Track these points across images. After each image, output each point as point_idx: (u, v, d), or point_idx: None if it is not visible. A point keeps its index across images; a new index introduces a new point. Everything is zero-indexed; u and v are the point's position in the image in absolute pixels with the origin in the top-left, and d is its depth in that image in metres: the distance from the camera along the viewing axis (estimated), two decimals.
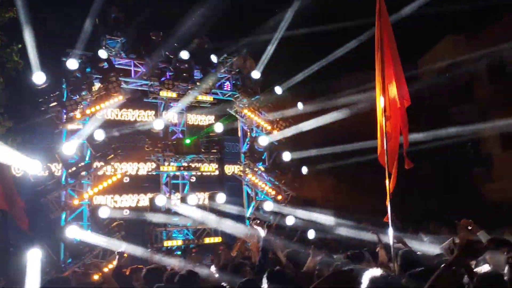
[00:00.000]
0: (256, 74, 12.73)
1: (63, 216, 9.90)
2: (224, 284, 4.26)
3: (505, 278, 2.94)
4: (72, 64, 9.99)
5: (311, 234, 11.64)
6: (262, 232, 5.57)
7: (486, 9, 19.80)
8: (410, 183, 5.43)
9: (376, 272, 2.62)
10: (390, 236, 4.68)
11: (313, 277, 4.61)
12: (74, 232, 9.39)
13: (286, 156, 12.65)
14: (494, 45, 17.60)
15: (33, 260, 6.45)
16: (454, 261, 2.34)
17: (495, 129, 19.23)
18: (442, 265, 2.34)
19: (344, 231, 10.86)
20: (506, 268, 3.04)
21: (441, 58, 20.73)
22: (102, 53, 10.40)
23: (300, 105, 12.97)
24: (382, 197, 5.23)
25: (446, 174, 21.32)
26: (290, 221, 12.01)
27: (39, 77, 9.59)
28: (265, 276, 3.66)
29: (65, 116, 9.96)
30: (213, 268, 5.76)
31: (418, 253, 5.30)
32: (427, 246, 6.41)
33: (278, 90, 12.97)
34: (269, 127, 12.79)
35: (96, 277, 7.44)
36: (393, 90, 5.06)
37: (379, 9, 5.29)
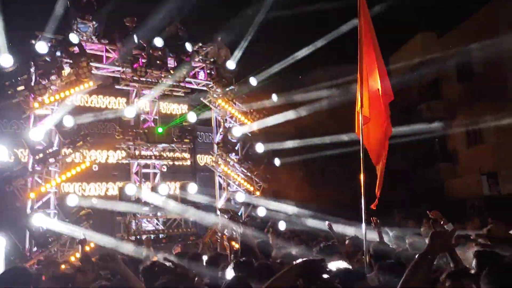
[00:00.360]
0: (231, 65, 12.64)
1: (29, 203, 9.63)
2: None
3: (473, 272, 3.03)
4: (42, 47, 9.66)
5: (281, 226, 11.79)
6: (236, 226, 5.57)
7: (456, 7, 20.29)
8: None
9: (339, 264, 2.63)
10: (363, 229, 4.78)
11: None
12: (40, 220, 9.16)
13: (259, 147, 12.68)
14: (463, 43, 18.09)
15: None
16: (430, 251, 2.37)
17: (462, 126, 19.86)
18: (417, 255, 2.37)
19: (314, 223, 11.03)
20: (474, 262, 3.14)
21: (412, 56, 21.16)
22: (73, 37, 10.08)
23: (274, 97, 12.99)
24: (354, 190, 5.31)
25: (412, 168, 21.92)
26: (261, 212, 12.09)
27: (6, 60, 9.25)
28: (231, 266, 3.67)
29: (33, 100, 9.64)
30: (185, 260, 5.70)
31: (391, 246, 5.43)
32: (392, 241, 6.56)
33: (253, 81, 12.94)
34: (243, 118, 12.78)
35: (63, 266, 7.30)
36: (375, 85, 5.10)
37: (359, 4, 5.35)
